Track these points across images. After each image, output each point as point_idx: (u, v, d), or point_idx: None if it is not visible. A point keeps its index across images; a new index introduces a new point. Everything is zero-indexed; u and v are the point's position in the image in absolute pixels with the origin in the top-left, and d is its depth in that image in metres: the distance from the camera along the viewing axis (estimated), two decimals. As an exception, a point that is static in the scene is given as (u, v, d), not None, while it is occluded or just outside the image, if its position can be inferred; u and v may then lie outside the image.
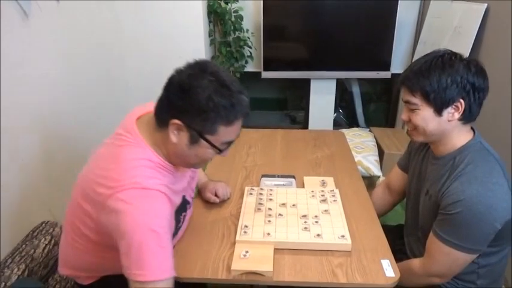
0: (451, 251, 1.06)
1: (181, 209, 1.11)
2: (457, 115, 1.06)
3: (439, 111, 1.06)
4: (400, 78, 1.13)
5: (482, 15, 2.00)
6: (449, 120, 1.07)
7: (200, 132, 0.95)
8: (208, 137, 0.96)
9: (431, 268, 1.12)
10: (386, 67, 2.82)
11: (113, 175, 0.93)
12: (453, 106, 1.05)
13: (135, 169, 0.94)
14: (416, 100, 1.08)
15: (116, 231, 0.90)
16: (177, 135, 0.96)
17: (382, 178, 2.34)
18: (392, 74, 2.82)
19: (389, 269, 1.06)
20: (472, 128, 1.14)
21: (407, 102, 1.10)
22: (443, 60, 1.05)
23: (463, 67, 1.03)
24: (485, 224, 1.02)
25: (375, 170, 2.36)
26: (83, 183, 1.01)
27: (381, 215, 1.47)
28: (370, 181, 2.35)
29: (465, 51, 2.06)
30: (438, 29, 2.45)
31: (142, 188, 0.91)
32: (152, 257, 0.88)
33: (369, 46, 2.86)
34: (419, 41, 2.72)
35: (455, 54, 1.07)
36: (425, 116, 1.08)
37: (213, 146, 0.98)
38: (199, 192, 1.40)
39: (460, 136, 1.10)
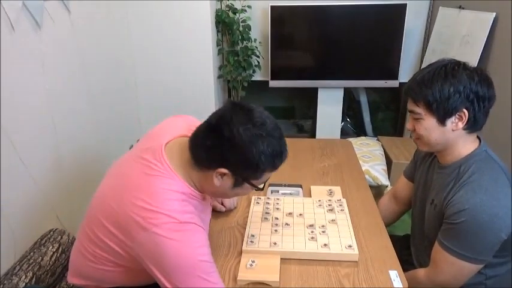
0: (456, 261, 1.05)
1: None
2: (461, 125, 1.05)
3: (442, 121, 1.06)
4: (404, 88, 1.13)
5: (491, 24, 2.00)
6: (453, 130, 1.07)
7: (246, 179, 0.96)
8: (253, 181, 0.98)
9: (436, 278, 1.11)
10: (394, 76, 2.82)
11: (147, 206, 0.91)
12: (456, 116, 1.05)
13: (169, 202, 0.93)
14: (419, 110, 1.08)
15: (158, 264, 0.90)
16: (220, 180, 0.96)
17: (389, 187, 2.33)
18: (400, 83, 2.81)
19: (397, 279, 1.05)
20: (478, 137, 1.13)
21: (411, 111, 1.11)
22: (446, 69, 1.05)
23: (466, 76, 1.03)
24: (490, 233, 1.01)
25: (383, 180, 2.35)
26: (105, 204, 0.99)
27: (387, 224, 1.46)
28: (377, 190, 2.33)
29: (474, 60, 2.05)
30: (446, 37, 2.45)
31: (180, 222, 0.90)
32: (206, 282, 0.90)
33: (377, 55, 2.86)
34: (427, 49, 2.72)
35: (459, 63, 1.07)
36: (429, 126, 1.08)
37: (255, 187, 0.99)
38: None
39: (465, 145, 1.10)
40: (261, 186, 1.01)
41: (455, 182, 1.09)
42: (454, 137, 1.08)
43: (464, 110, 1.04)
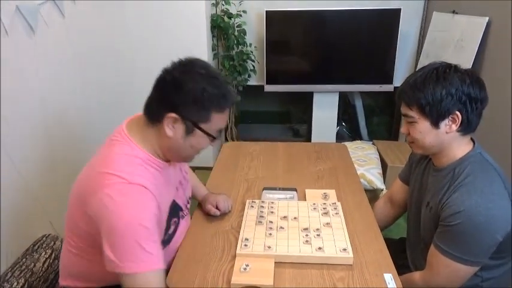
0: (451, 263, 1.05)
1: (172, 214, 1.12)
2: (454, 127, 1.06)
3: (435, 123, 1.06)
4: (397, 92, 1.14)
5: (484, 28, 2.01)
6: (447, 132, 1.07)
7: (195, 122, 1.00)
8: (203, 125, 1.01)
9: (432, 281, 1.11)
10: (389, 80, 2.83)
11: (101, 170, 0.97)
12: (450, 118, 1.05)
13: (121, 164, 0.98)
14: (413, 113, 1.08)
15: (103, 226, 0.93)
16: (172, 129, 1.00)
17: (385, 191, 2.33)
18: (395, 87, 2.82)
19: (392, 283, 1.04)
20: (472, 139, 1.13)
21: (405, 115, 1.11)
22: (438, 72, 1.05)
23: (457, 79, 1.03)
24: (485, 235, 1.00)
25: (378, 183, 2.34)
26: (76, 186, 1.04)
27: (383, 228, 1.45)
28: (373, 194, 2.33)
29: (467, 64, 2.06)
30: (441, 42, 2.46)
31: (129, 183, 0.94)
32: (140, 249, 0.91)
33: (372, 59, 2.88)
34: (421, 54, 2.73)
35: (450, 66, 1.07)
36: (423, 129, 1.08)
37: (207, 134, 1.03)
38: (200, 205, 1.39)
39: (459, 147, 1.10)
40: (215, 135, 1.04)
41: (450, 184, 1.09)
42: (448, 140, 1.08)
43: (457, 112, 1.04)
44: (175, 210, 1.14)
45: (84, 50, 2.08)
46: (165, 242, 1.11)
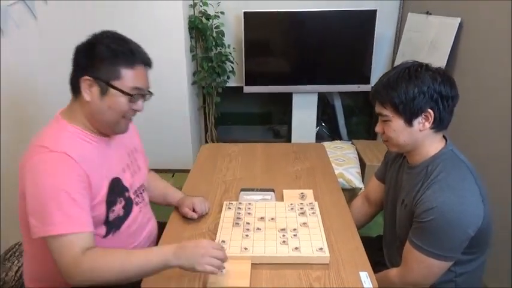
0: (425, 259, 1.06)
1: (115, 191, 1.13)
2: (427, 124, 1.07)
3: (409, 121, 1.08)
4: (371, 92, 1.16)
5: (457, 28, 2.06)
6: (420, 130, 1.08)
7: (107, 81, 1.04)
8: (115, 82, 1.04)
9: (407, 277, 1.12)
10: (367, 80, 2.87)
11: (29, 146, 1.03)
12: (423, 116, 1.07)
13: (45, 136, 1.04)
14: (387, 112, 1.10)
15: (27, 195, 0.97)
16: (89, 93, 1.04)
17: (363, 190, 2.35)
18: (372, 87, 2.85)
19: (367, 281, 1.05)
20: (444, 137, 1.15)
21: (379, 114, 1.13)
22: (410, 71, 1.07)
23: (429, 77, 1.05)
24: (457, 230, 1.02)
25: (357, 182, 2.37)
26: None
27: (361, 226, 1.46)
28: (352, 193, 2.35)
29: (441, 64, 2.10)
30: (415, 42, 2.51)
31: (50, 151, 0.99)
32: (60, 213, 0.95)
33: (349, 60, 2.91)
34: (397, 54, 2.77)
35: (421, 64, 1.09)
36: (397, 127, 1.09)
37: (122, 92, 1.05)
38: (177, 209, 1.37)
39: (432, 145, 1.12)
40: (131, 92, 1.06)
41: (423, 182, 1.10)
42: (422, 137, 1.10)
43: (430, 110, 1.06)
44: (118, 188, 1.15)
45: (57, 51, 2.04)
46: (112, 224, 1.13)
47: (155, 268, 0.97)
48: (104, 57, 1.03)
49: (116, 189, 1.14)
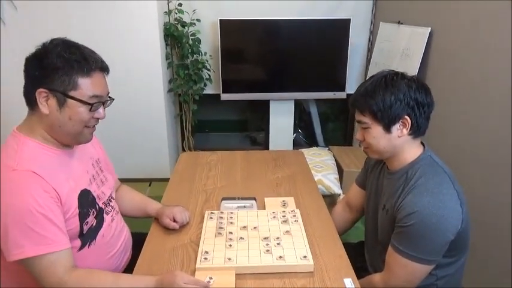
0: (408, 263, 1.08)
1: (85, 203, 1.10)
2: (405, 131, 1.10)
3: (387, 128, 1.10)
4: (350, 100, 1.18)
5: (427, 38, 2.13)
6: (399, 136, 1.11)
7: (64, 92, 1.00)
8: (73, 93, 1.00)
9: (390, 282, 1.13)
10: (342, 88, 2.92)
11: None
12: (400, 122, 1.10)
13: (7, 155, 0.99)
14: (366, 119, 1.12)
15: None
16: (46, 105, 1.00)
17: (342, 196, 2.37)
18: (347, 95, 2.91)
19: (352, 287, 1.05)
20: (422, 143, 1.18)
21: (359, 121, 1.15)
22: (387, 80, 1.11)
23: (404, 85, 1.09)
24: (438, 234, 1.05)
25: (335, 188, 2.39)
26: None
27: (342, 232, 1.47)
28: (331, 199, 2.37)
29: (413, 72, 2.17)
30: (388, 51, 2.57)
31: (13, 170, 0.95)
32: (35, 233, 0.92)
33: (325, 68, 2.96)
34: (371, 63, 2.84)
35: (397, 73, 1.13)
36: (376, 134, 1.12)
37: (81, 101, 1.01)
38: (157, 219, 1.34)
39: (410, 151, 1.15)
40: (90, 101, 1.03)
41: (404, 187, 1.12)
42: (401, 143, 1.13)
43: (407, 117, 1.09)
44: (88, 200, 1.12)
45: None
46: (87, 236, 1.10)
47: None
48: (57, 67, 0.99)
49: (86, 201, 1.11)
